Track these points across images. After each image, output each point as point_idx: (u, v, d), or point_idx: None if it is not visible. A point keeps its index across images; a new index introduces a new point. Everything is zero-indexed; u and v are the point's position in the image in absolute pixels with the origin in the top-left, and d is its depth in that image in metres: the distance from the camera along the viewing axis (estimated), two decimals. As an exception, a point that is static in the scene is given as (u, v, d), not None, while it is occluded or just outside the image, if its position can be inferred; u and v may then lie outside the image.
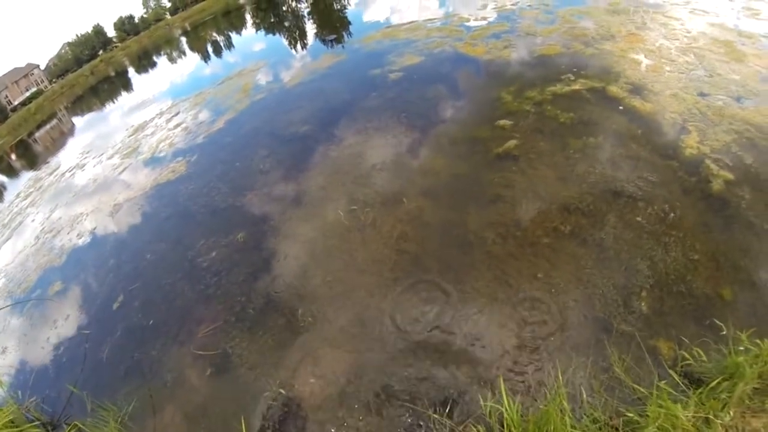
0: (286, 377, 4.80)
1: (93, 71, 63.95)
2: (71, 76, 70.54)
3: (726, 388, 3.21)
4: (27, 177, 20.46)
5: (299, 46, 20.41)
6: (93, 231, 10.20)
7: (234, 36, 35.90)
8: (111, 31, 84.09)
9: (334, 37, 18.07)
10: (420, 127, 8.53)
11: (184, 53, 41.31)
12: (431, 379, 4.26)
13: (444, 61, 11.13)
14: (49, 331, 7.37)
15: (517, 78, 8.98)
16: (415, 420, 3.97)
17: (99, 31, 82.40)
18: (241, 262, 6.80)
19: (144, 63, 46.97)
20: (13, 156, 31.26)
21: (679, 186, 5.45)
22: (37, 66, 77.18)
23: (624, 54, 8.63)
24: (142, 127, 17.17)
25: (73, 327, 7.22)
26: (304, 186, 8.03)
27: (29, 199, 15.75)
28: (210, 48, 34.61)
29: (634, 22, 10.05)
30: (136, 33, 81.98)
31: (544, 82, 8.44)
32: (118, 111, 25.58)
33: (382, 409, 4.17)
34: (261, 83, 15.77)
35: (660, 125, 6.49)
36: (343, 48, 16.20)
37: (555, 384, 3.61)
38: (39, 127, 39.98)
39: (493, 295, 4.84)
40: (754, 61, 7.35)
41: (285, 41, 22.95)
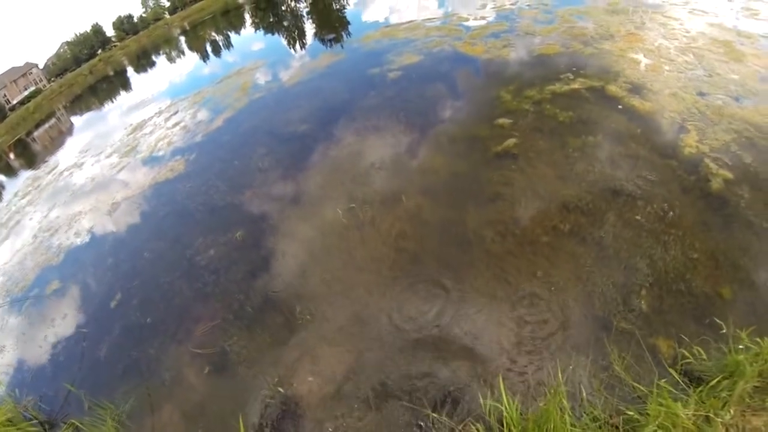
0: (284, 375, 4.78)
1: (92, 70, 63.77)
2: (70, 75, 70.38)
3: (726, 386, 3.20)
4: (25, 176, 20.42)
5: (298, 45, 20.38)
6: (91, 230, 10.18)
7: (233, 35, 35.88)
8: (110, 31, 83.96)
9: (333, 37, 18.07)
10: (419, 126, 8.53)
11: (183, 53, 41.28)
12: (430, 378, 4.25)
13: (443, 60, 11.12)
14: (47, 330, 7.35)
15: (516, 77, 8.96)
16: (414, 419, 3.95)
17: (98, 31, 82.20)
18: (240, 260, 6.78)
19: (143, 62, 46.88)
20: (12, 155, 31.17)
21: (679, 185, 5.44)
22: (36, 65, 76.95)
23: (623, 53, 8.62)
24: (140, 126, 17.15)
25: (71, 325, 7.20)
26: (302, 184, 8.03)
27: (27, 198, 15.71)
28: (209, 47, 34.56)
29: (633, 21, 10.05)
30: (135, 32, 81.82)
31: (543, 81, 8.43)
32: (116, 110, 25.53)
33: (380, 408, 4.16)
34: (260, 82, 15.76)
35: (659, 124, 6.49)
36: (342, 47, 16.18)
37: (554, 382, 3.60)
38: (37, 127, 39.85)
39: (493, 294, 4.83)
40: (753, 61, 7.35)
41: (284, 41, 22.93)
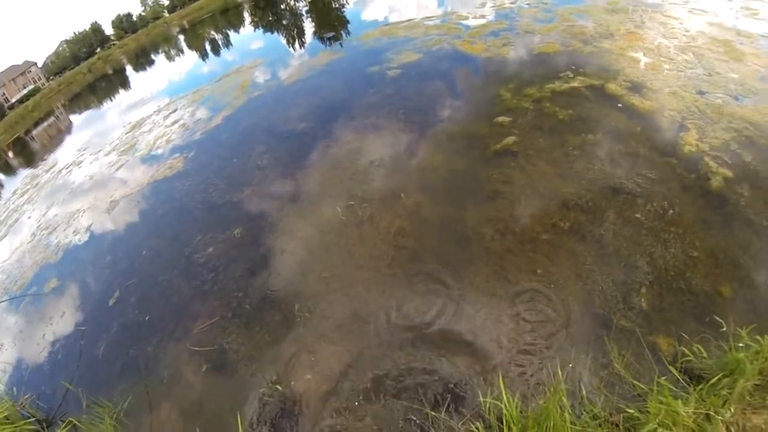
0: (282, 373, 4.77)
1: (91, 69, 63.76)
2: (69, 73, 70.42)
3: (726, 384, 3.20)
4: (24, 174, 20.37)
5: (297, 44, 20.34)
6: (89, 228, 10.14)
7: (232, 34, 35.81)
8: (109, 29, 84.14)
9: (332, 35, 18.03)
10: (418, 124, 8.50)
11: (182, 51, 41.25)
12: (429, 376, 4.23)
13: (442, 59, 11.10)
14: (45, 328, 7.32)
15: (516, 75, 8.95)
16: (413, 417, 3.93)
17: (97, 29, 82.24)
18: (238, 257, 6.76)
19: (142, 61, 46.83)
20: (10, 153, 31.11)
21: (678, 183, 5.43)
22: (35, 63, 76.95)
23: (623, 52, 8.62)
24: (139, 124, 17.11)
25: (69, 323, 7.17)
26: (301, 182, 8.00)
27: (26, 196, 15.67)
28: (208, 46, 34.52)
29: (632, 20, 10.05)
30: (134, 31, 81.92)
31: (542, 79, 8.41)
32: (115, 109, 25.47)
33: (379, 406, 4.14)
34: (259, 80, 15.73)
35: (659, 123, 6.48)
36: (341, 46, 16.15)
37: (554, 380, 3.59)
38: (36, 125, 39.80)
39: (492, 292, 4.82)
40: (752, 60, 7.36)
41: (283, 39, 22.90)
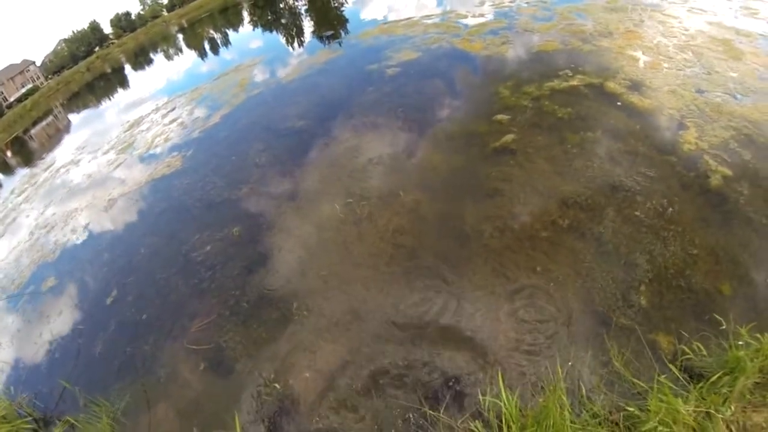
0: (280, 372, 4.75)
1: (89, 68, 63.55)
2: (67, 72, 70.20)
3: (727, 382, 3.19)
4: (22, 173, 20.29)
5: (296, 43, 20.27)
6: (87, 226, 10.11)
7: (231, 33, 35.70)
8: (107, 28, 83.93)
9: (331, 33, 17.99)
10: (417, 122, 8.49)
11: (180, 50, 41.13)
12: (428, 375, 4.22)
13: (441, 57, 11.08)
14: (43, 327, 7.28)
15: (515, 73, 8.93)
16: (411, 416, 3.92)
17: (95, 28, 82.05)
18: (236, 255, 6.74)
19: (140, 60, 46.72)
20: (9, 153, 30.99)
21: (678, 181, 5.43)
22: (33, 62, 76.67)
23: (622, 51, 8.61)
24: (137, 123, 17.07)
25: (67, 322, 7.14)
26: (299, 180, 7.98)
27: (24, 195, 15.60)
28: (207, 45, 34.46)
29: (632, 19, 10.04)
30: (132, 30, 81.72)
31: (541, 77, 8.41)
32: (114, 108, 25.40)
33: (377, 405, 4.12)
34: (257, 79, 15.68)
35: (658, 121, 6.48)
36: (340, 44, 16.11)
37: (554, 378, 3.57)
38: (34, 124, 39.63)
39: (491, 289, 4.80)
40: (751, 59, 7.36)
41: (282, 38, 22.83)
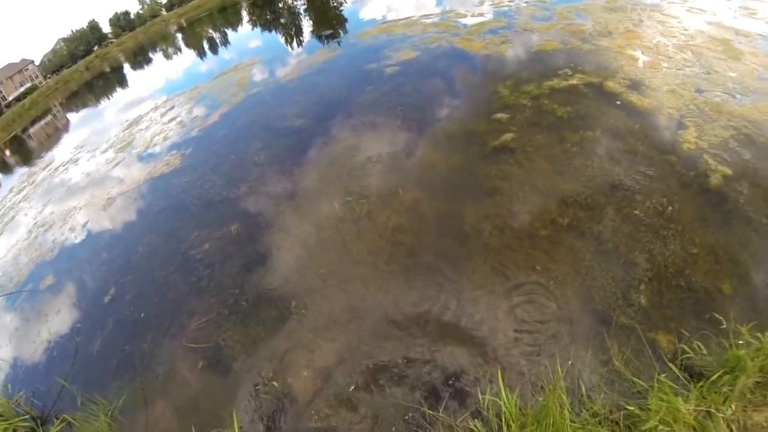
0: (278, 370, 4.73)
1: (88, 67, 63.39)
2: (66, 71, 69.98)
3: (727, 381, 3.18)
4: (20, 172, 20.23)
5: (295, 42, 20.23)
6: (86, 225, 10.08)
7: (230, 33, 35.65)
8: (106, 27, 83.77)
9: (329, 33, 17.97)
10: (416, 121, 8.47)
11: (179, 49, 41.03)
12: (427, 373, 4.20)
13: (440, 56, 11.07)
14: (40, 325, 7.26)
15: (514, 72, 8.93)
16: (411, 415, 3.91)
17: (94, 27, 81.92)
18: (235, 254, 6.72)
19: (139, 59, 46.64)
20: (7, 152, 30.92)
21: (678, 180, 5.42)
22: (32, 61, 76.48)
23: (621, 50, 8.62)
24: (136, 122, 17.03)
25: (65, 321, 7.12)
26: (298, 178, 7.97)
27: (22, 194, 15.56)
28: (206, 44, 34.40)
29: (631, 19, 10.05)
30: (131, 29, 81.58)
31: (541, 76, 8.41)
32: (112, 107, 25.35)
33: (375, 403, 4.11)
34: (256, 78, 15.65)
35: (658, 120, 6.48)
36: (339, 44, 16.09)
37: (554, 377, 3.56)
38: (33, 123, 39.50)
39: (491, 288, 4.79)
40: (751, 59, 7.36)
41: (281, 38, 22.78)
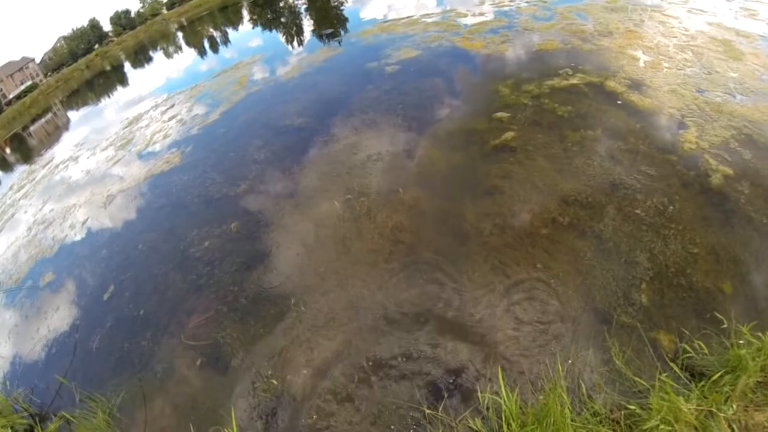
0: (277, 367, 4.72)
1: (88, 65, 63.48)
2: (66, 70, 69.96)
3: (728, 381, 3.17)
4: (20, 170, 20.21)
5: (296, 41, 20.19)
6: (85, 222, 10.05)
7: (230, 31, 35.64)
8: (107, 26, 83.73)
9: (330, 32, 17.94)
10: (416, 119, 8.47)
11: (180, 48, 41.02)
12: (426, 372, 4.19)
13: (441, 55, 11.08)
14: (40, 322, 7.24)
15: (515, 72, 8.93)
16: (409, 414, 3.89)
17: (95, 25, 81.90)
18: (234, 251, 6.71)
19: (140, 58, 46.62)
20: (7, 150, 30.90)
21: (679, 180, 5.42)
22: (33, 59, 76.44)
23: (622, 50, 8.62)
24: (136, 120, 16.98)
25: (64, 318, 7.09)
26: (298, 176, 7.94)
27: (22, 191, 15.53)
28: (206, 43, 34.32)
29: (632, 19, 10.06)
30: (132, 27, 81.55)
31: (541, 76, 8.40)
32: (113, 105, 25.30)
33: (374, 401, 4.09)
34: (257, 77, 15.61)
35: (658, 120, 6.48)
36: (340, 43, 16.06)
37: (554, 376, 3.55)
38: (34, 121, 39.50)
39: (491, 287, 4.78)
40: (752, 60, 7.37)
41: (282, 37, 22.74)
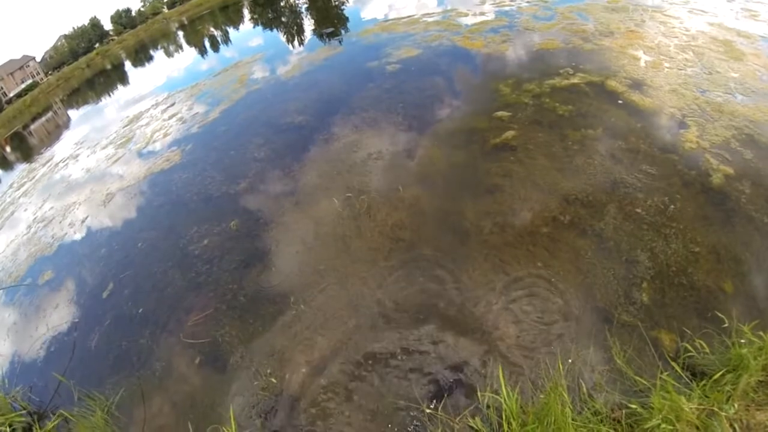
0: (276, 366, 4.70)
1: (89, 64, 63.45)
2: (67, 68, 69.93)
3: (730, 380, 3.16)
4: (20, 168, 20.19)
5: (296, 41, 20.16)
6: (85, 220, 10.03)
7: (231, 31, 35.61)
8: (108, 25, 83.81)
9: (331, 31, 17.93)
10: (417, 118, 8.45)
11: (180, 47, 40.99)
12: (426, 371, 4.18)
13: (442, 54, 11.06)
14: (38, 320, 7.23)
15: (515, 71, 8.92)
16: (409, 413, 3.88)
17: (96, 24, 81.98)
18: (234, 249, 6.69)
19: (140, 56, 46.62)
20: (8, 148, 30.88)
21: (679, 179, 5.41)
22: (33, 58, 76.50)
23: (623, 50, 8.61)
24: (137, 118, 16.97)
25: (63, 316, 7.07)
26: (298, 174, 7.93)
27: (22, 190, 15.52)
28: (207, 42, 34.29)
29: (633, 19, 10.05)
30: (132, 26, 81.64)
31: (542, 75, 8.39)
32: (113, 104, 25.27)
33: (374, 401, 4.08)
34: (257, 75, 15.59)
35: (659, 119, 6.47)
36: (340, 42, 16.05)
37: (555, 375, 3.54)
38: (34, 120, 39.47)
39: (491, 285, 4.76)
40: (752, 60, 7.37)
41: (282, 36, 22.72)
